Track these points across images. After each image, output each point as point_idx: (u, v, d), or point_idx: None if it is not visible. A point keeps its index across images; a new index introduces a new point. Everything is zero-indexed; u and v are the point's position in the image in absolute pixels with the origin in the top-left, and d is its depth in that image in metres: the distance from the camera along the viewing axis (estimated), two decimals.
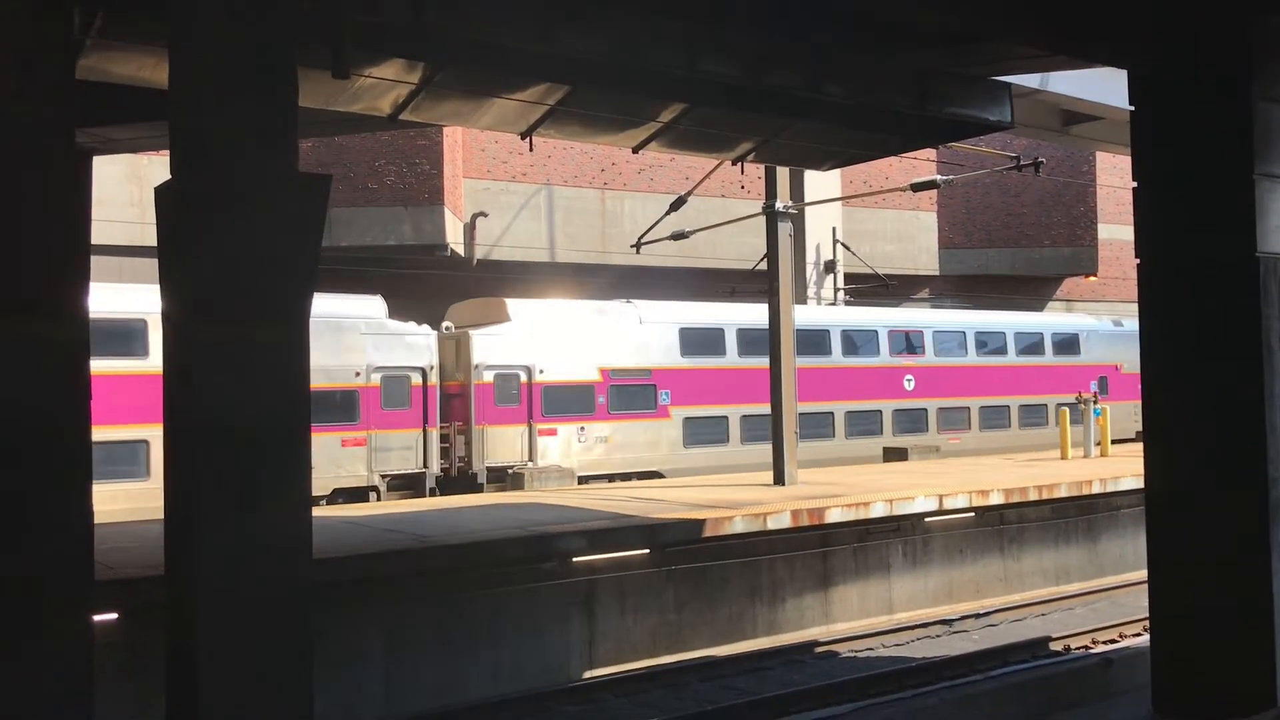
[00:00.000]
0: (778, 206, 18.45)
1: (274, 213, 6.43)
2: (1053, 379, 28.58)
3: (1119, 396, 28.75)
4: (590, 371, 22.09)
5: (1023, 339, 28.68)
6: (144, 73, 9.43)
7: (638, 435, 22.51)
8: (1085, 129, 17.99)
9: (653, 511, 14.61)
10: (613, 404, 22.23)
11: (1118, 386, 29.46)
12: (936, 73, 11.26)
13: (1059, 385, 28.21)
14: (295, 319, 6.54)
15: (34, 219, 6.07)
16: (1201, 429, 8.87)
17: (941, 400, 26.65)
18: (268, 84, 6.42)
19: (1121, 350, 29.57)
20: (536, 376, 21.39)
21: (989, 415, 27.55)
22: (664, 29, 9.78)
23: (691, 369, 23.23)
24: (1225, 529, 8.65)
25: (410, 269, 26.32)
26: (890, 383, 26.08)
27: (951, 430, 26.70)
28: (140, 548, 11.35)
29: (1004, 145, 24.46)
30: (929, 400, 26.39)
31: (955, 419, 27.00)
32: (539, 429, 21.33)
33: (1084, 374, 28.96)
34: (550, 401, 21.54)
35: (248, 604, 6.30)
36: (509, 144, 27.60)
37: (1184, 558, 8.98)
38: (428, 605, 12.45)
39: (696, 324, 23.69)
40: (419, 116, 11.27)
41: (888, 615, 16.26)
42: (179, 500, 6.54)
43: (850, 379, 25.44)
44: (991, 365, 27.88)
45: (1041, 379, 28.57)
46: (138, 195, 23.36)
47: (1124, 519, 19.17)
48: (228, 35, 6.34)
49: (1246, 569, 8.52)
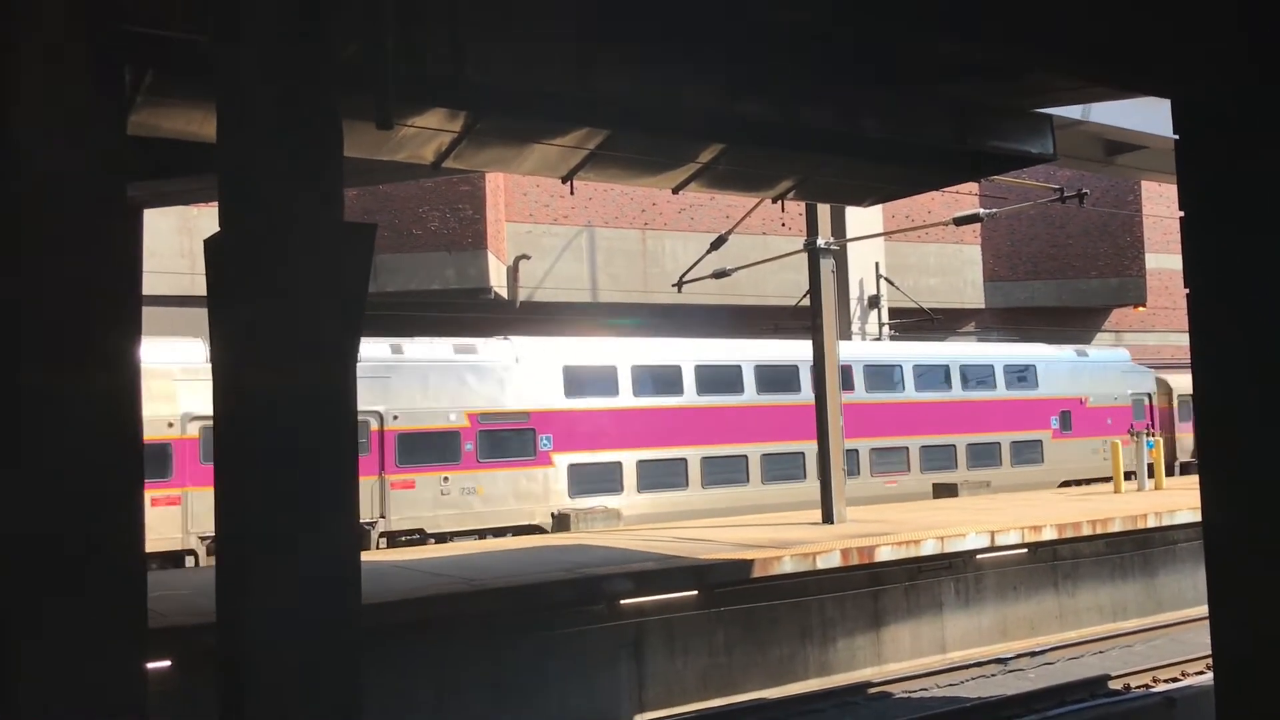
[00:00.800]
0: (819, 243, 18.43)
1: (320, 262, 6.52)
2: (1005, 414, 26.33)
3: (1084, 432, 27.23)
4: (455, 416, 19.96)
5: (970, 372, 26.22)
6: (193, 127, 9.64)
7: (513, 485, 20.24)
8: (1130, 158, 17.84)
9: (700, 552, 14.52)
10: (483, 451, 20.06)
11: (1083, 421, 27.56)
12: (976, 106, 11.24)
13: (1013, 421, 26.30)
14: (342, 365, 6.61)
15: (88, 271, 6.20)
16: (1259, 461, 8.68)
17: (874, 440, 23.99)
18: (313, 136, 6.53)
19: (1087, 383, 27.92)
20: (389, 423, 19.15)
21: (932, 456, 24.94)
22: (701, 71, 9.85)
23: (578, 411, 21.07)
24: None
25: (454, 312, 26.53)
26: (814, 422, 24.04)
27: (888, 473, 24.23)
28: (191, 595, 11.45)
29: (1047, 176, 24.33)
30: (859, 440, 23.18)
31: (891, 460, 24.47)
32: (392, 481, 19.10)
33: (1042, 409, 26.99)
34: (406, 450, 19.35)
35: (298, 649, 6.33)
36: (550, 187, 27.84)
37: (1245, 594, 8.75)
38: (477, 648, 12.43)
39: (584, 362, 21.55)
40: (461, 164, 11.41)
41: (941, 655, 15.99)
42: (229, 546, 6.60)
43: (766, 418, 22.90)
44: (933, 401, 25.29)
45: (992, 415, 26.13)
46: (188, 246, 23.80)
47: (1182, 553, 18.78)
48: (273, 89, 6.47)
49: None
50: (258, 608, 6.24)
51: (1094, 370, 28.40)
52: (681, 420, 22.10)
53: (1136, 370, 29.58)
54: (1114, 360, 29.52)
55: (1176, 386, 29.63)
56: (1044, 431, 26.88)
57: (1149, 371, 29.74)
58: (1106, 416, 27.80)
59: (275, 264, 6.43)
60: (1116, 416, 27.83)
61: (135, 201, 7.46)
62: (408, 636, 11.80)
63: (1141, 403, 28.84)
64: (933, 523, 17.16)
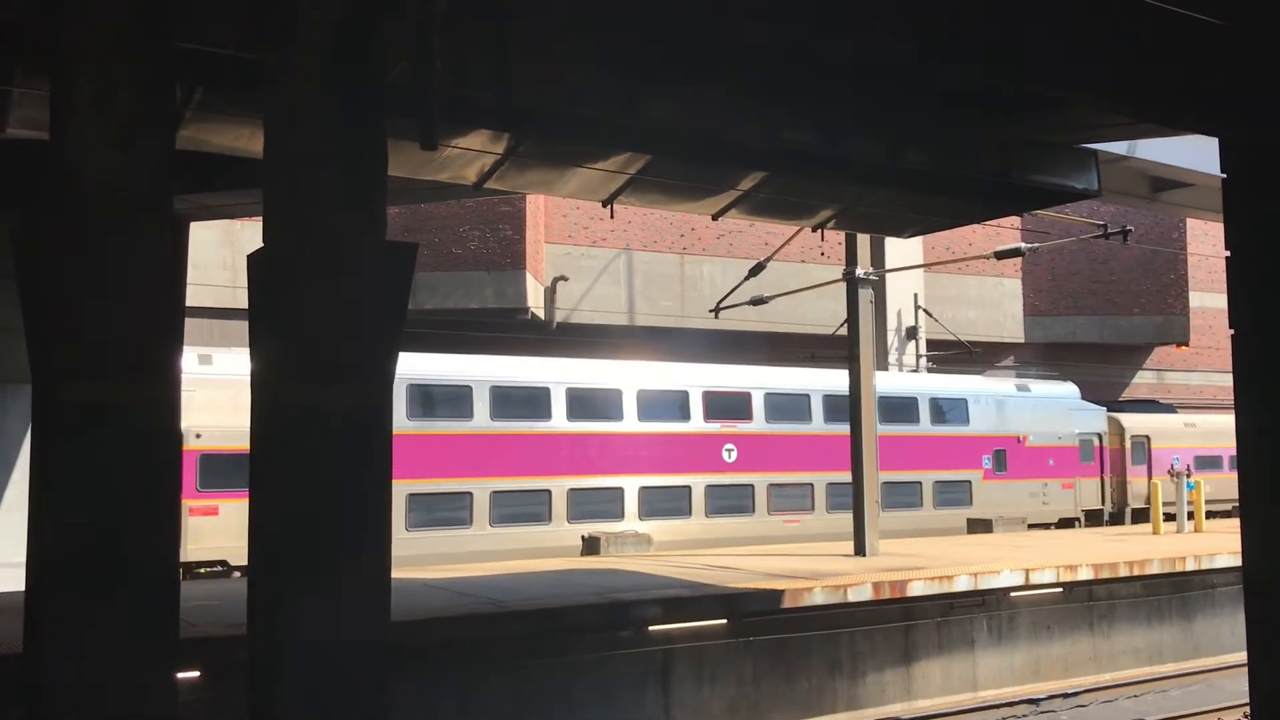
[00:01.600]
0: (858, 273, 18.36)
1: (362, 279, 6.58)
2: (930, 451, 24.06)
3: (1021, 474, 25.23)
4: None
5: (889, 404, 23.21)
6: (240, 143, 9.78)
7: None
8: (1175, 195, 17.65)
9: (730, 580, 14.43)
10: None
11: (1020, 461, 25.30)
12: (1020, 140, 11.19)
13: (939, 459, 24.07)
14: (380, 381, 6.65)
15: (132, 282, 6.29)
16: None
17: (773, 475, 21.87)
18: (358, 155, 6.61)
19: (1028, 419, 25.67)
20: (192, 441, 16.93)
21: (840, 493, 21.80)
22: (745, 99, 9.87)
23: (421, 435, 19.06)
24: None
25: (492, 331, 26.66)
26: (704, 453, 21.33)
27: (787, 511, 21.97)
28: (223, 605, 11.52)
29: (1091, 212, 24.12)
30: (755, 475, 21.56)
31: (792, 497, 22.22)
32: (192, 507, 17.01)
33: (973, 446, 24.70)
34: (211, 472, 17.36)
35: (329, 664, 6.35)
36: (590, 210, 27.97)
37: None
38: (502, 671, 12.40)
39: (432, 379, 19.56)
40: (503, 185, 11.50)
41: (972, 693, 15.77)
42: (264, 560, 6.63)
43: (649, 448, 20.88)
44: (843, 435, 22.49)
45: (913, 451, 23.73)
46: (230, 259, 24.08)
47: (1220, 597, 18.45)
48: (320, 108, 6.55)
49: None
50: (290, 626, 6.26)
51: (1035, 406, 26.21)
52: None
53: (1085, 408, 27.52)
54: (1059, 396, 27.35)
55: (1130, 427, 28.20)
56: (974, 471, 24.69)
57: (1099, 410, 27.93)
58: (1048, 457, 25.93)
59: (317, 281, 6.49)
60: (1060, 457, 26.13)
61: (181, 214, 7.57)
62: (433, 656, 11.79)
63: (1090, 443, 26.96)
64: (966, 558, 16.97)
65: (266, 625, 6.49)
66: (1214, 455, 29.03)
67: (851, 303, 18.47)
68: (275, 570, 6.37)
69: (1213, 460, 28.93)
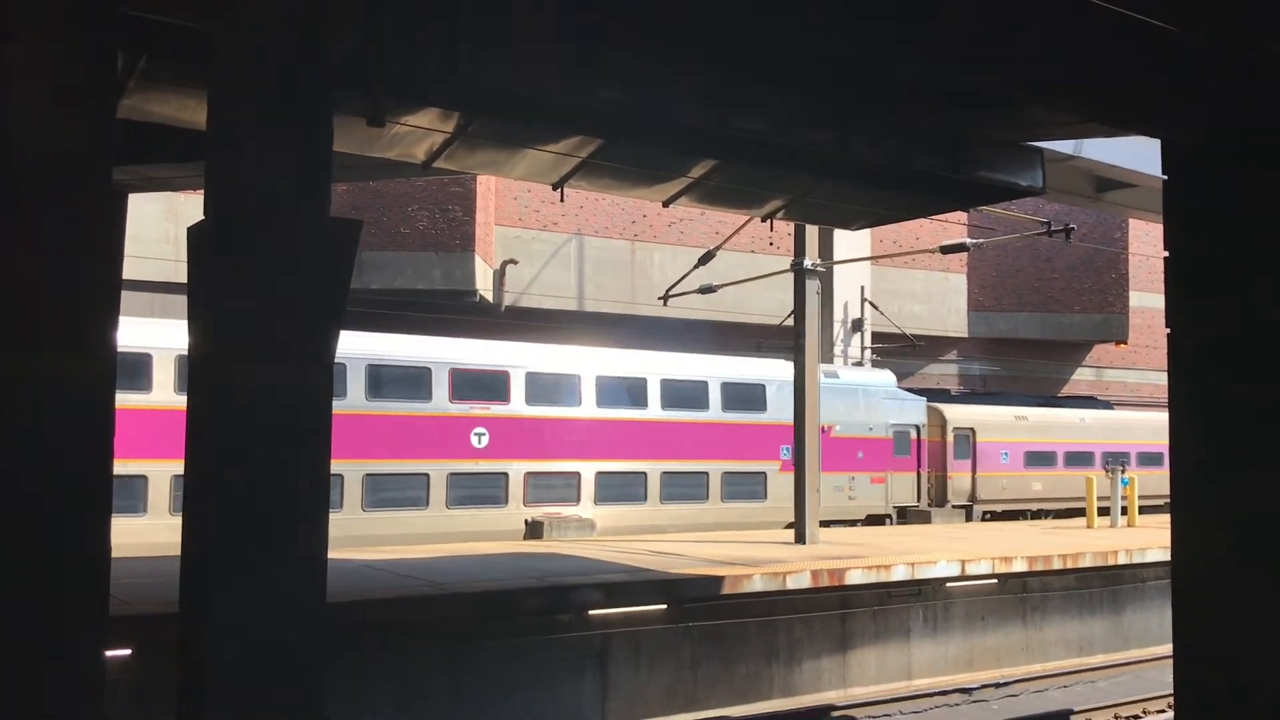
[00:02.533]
0: (806, 264, 18.48)
1: (304, 256, 6.49)
2: (717, 440, 22.06)
3: (825, 466, 22.17)
4: None
5: (673, 389, 21.66)
6: (183, 114, 9.59)
7: None
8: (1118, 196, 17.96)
9: (671, 566, 14.49)
10: None
11: (824, 453, 22.32)
12: (968, 136, 11.29)
13: (727, 449, 22.13)
14: (320, 360, 6.57)
15: (67, 254, 6.15)
16: (1229, 503, 8.72)
17: (532, 463, 19.93)
18: (304, 129, 6.51)
19: (836, 408, 23.54)
20: None
21: (609, 484, 20.69)
22: (697, 85, 9.87)
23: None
24: (1254, 607, 8.48)
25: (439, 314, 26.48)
26: (453, 437, 19.30)
27: (546, 502, 20.09)
28: (155, 583, 11.35)
29: (1035, 210, 24.46)
30: (510, 462, 19.66)
31: (555, 487, 20.37)
32: None
33: (770, 435, 22.63)
34: None
35: (260, 646, 6.27)
36: (541, 193, 27.85)
37: (1209, 634, 8.79)
38: (441, 654, 12.35)
39: None
40: (453, 164, 11.39)
41: (906, 681, 15.99)
42: (197, 539, 6.54)
43: (382, 430, 18.68)
44: (617, 420, 21.08)
45: (699, 440, 21.82)
46: (173, 233, 23.68)
47: (1150, 591, 18.86)
48: (265, 81, 6.44)
49: (1276, 649, 8.33)
50: (222, 606, 6.18)
51: (845, 395, 24.21)
52: None
53: (902, 397, 25.76)
54: (873, 385, 25.35)
55: (952, 418, 26.53)
56: (770, 463, 22.60)
57: (919, 400, 26.21)
58: (857, 449, 24.08)
59: (258, 256, 6.39)
60: (871, 449, 24.35)
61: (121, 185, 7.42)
62: (372, 637, 11.72)
63: (906, 435, 25.21)
64: (904, 548, 17.18)
65: (198, 605, 6.40)
66: (1047, 451, 27.99)
67: (799, 293, 18.58)
68: (208, 550, 6.28)
69: (1045, 456, 27.89)
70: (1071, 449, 28.52)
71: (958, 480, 26.45)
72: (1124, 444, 29.48)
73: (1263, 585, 8.45)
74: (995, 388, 35.66)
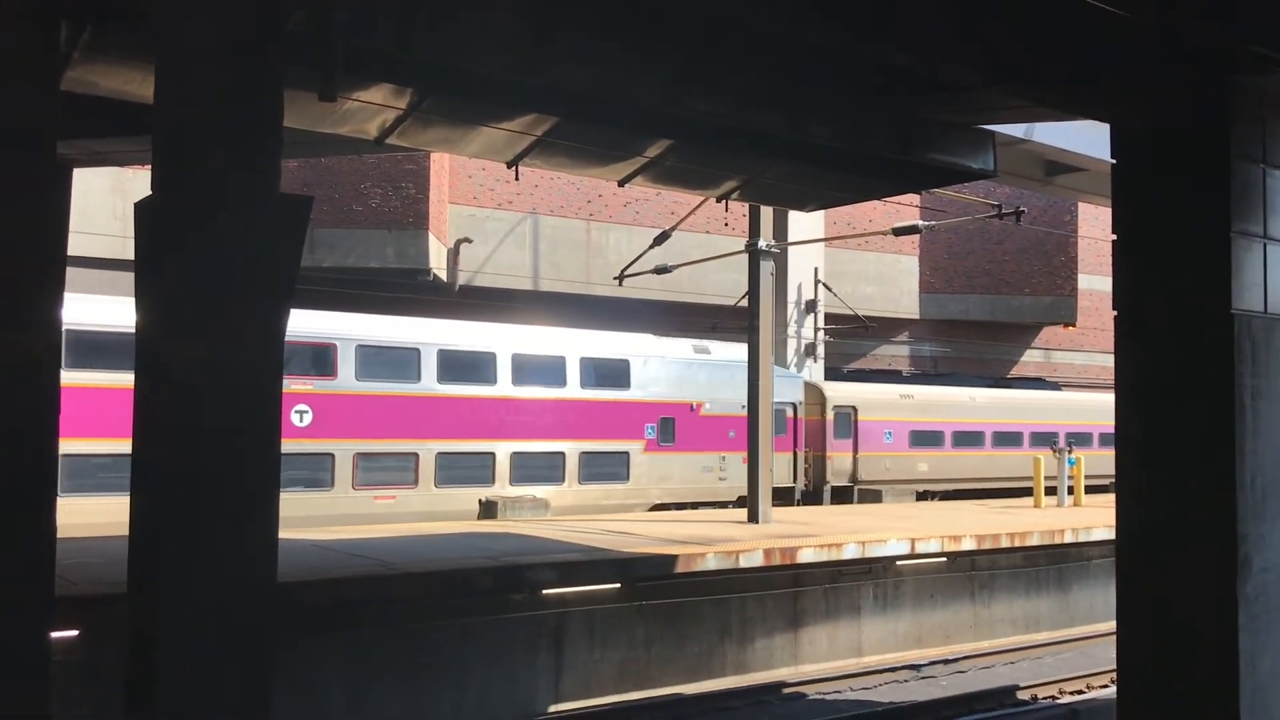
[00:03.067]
0: (760, 245, 18.54)
1: (254, 232, 6.41)
2: (575, 418, 21.13)
3: (693, 445, 22.47)
4: None
5: (527, 363, 20.69)
6: (130, 87, 9.40)
7: None
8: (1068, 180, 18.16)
9: (626, 546, 14.54)
10: None
11: (693, 432, 22.47)
12: (921, 119, 11.36)
13: (586, 427, 21.23)
14: (271, 338, 6.50)
15: (10, 228, 6.03)
16: (1171, 483, 8.90)
17: (363, 443, 18.77)
18: (253, 104, 6.42)
19: (705, 385, 22.82)
20: None
21: (452, 465, 19.54)
22: (653, 66, 9.84)
23: None
24: (1194, 583, 8.67)
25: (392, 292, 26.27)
26: None
27: (380, 485, 18.95)
28: (103, 563, 11.21)
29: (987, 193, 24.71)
30: (338, 442, 18.50)
31: (388, 469, 19.14)
32: None
33: (634, 413, 21.82)
34: None
35: (210, 627, 6.23)
36: (496, 171, 27.66)
37: (1151, 610, 8.98)
38: (393, 634, 12.32)
39: None
40: (406, 141, 11.28)
41: (856, 658, 16.20)
42: (146, 519, 6.46)
43: None
44: (464, 397, 19.99)
45: (555, 417, 20.89)
46: (121, 209, 23.26)
47: (1095, 569, 19.21)
48: (214, 54, 6.35)
49: (1214, 624, 8.53)
50: (170, 586, 6.12)
51: (716, 371, 23.16)
52: None
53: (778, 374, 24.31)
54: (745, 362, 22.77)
55: (832, 396, 25.86)
56: (634, 442, 21.88)
57: (796, 376, 25.80)
58: (729, 428, 22.77)
59: (206, 232, 6.31)
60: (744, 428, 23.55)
61: (65, 159, 7.28)
62: (324, 618, 11.66)
63: (783, 413, 24.04)
64: (855, 527, 17.36)
65: (146, 586, 6.33)
66: (933, 430, 27.27)
67: (753, 274, 18.66)
68: (157, 530, 6.21)
69: (932, 436, 27.16)
70: (960, 429, 27.85)
71: (838, 460, 25.84)
72: (1017, 424, 28.76)
73: (1196, 563, 8.64)
74: (946, 369, 36.05)
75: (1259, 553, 8.56)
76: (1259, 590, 8.54)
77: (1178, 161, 8.97)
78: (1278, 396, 8.79)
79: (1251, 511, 8.52)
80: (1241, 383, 8.54)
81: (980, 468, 28.02)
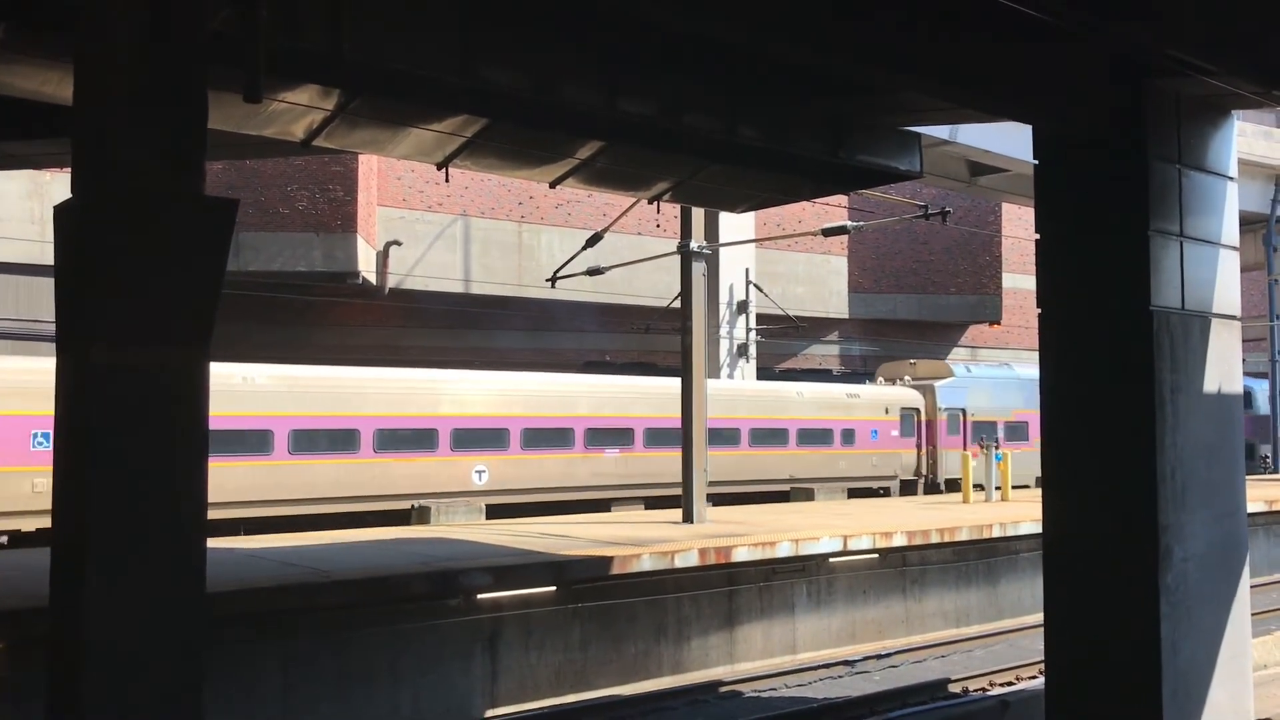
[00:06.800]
0: (692, 246, 18.62)
1: (178, 236, 6.28)
2: None
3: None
4: None
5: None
6: (48, 88, 9.17)
7: None
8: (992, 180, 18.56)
9: (560, 548, 14.50)
10: None
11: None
12: (849, 121, 11.50)
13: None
14: (197, 345, 6.38)
15: None
16: (1095, 476, 9.12)
17: None
18: (175, 104, 6.28)
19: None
20: None
21: None
22: (584, 67, 9.84)
23: None
24: (1117, 574, 8.89)
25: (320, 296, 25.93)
26: None
27: None
28: (23, 577, 10.91)
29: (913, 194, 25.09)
30: None
31: None
32: None
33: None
34: None
35: (137, 640, 6.08)
36: (425, 173, 27.45)
37: (1077, 602, 9.19)
38: (327, 641, 12.14)
39: None
40: (333, 143, 11.14)
41: (791, 655, 16.31)
42: (68, 531, 6.30)
43: None
44: None
45: None
46: (39, 212, 22.67)
47: (1023, 563, 19.56)
48: (135, 53, 6.20)
49: (1136, 613, 8.75)
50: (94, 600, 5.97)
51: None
52: None
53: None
54: None
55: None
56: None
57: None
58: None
59: (128, 236, 6.16)
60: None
61: None
62: (255, 627, 11.46)
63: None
64: (789, 525, 17.50)
65: (69, 600, 6.17)
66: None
67: (685, 275, 18.72)
68: (80, 542, 6.05)
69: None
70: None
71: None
72: None
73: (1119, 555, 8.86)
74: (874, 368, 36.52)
75: (1179, 543, 8.80)
76: (1179, 580, 8.78)
77: (1097, 162, 9.19)
78: (1196, 391, 9.05)
79: (1172, 503, 8.76)
80: (1161, 378, 8.78)
81: None
